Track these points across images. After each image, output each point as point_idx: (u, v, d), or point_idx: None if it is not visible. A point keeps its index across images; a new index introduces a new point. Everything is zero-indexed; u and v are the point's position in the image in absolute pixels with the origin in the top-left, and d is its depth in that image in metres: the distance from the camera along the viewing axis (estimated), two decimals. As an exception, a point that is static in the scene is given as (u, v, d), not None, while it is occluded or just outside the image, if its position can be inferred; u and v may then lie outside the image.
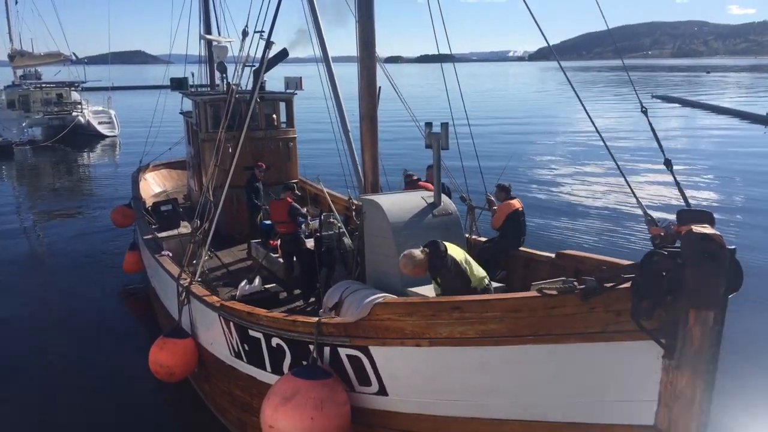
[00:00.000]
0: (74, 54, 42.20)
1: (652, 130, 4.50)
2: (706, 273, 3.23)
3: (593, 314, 3.73)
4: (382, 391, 4.63)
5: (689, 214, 3.37)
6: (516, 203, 8.31)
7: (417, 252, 5.18)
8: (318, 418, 4.41)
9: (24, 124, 37.85)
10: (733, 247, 3.30)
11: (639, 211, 4.67)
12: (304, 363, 4.87)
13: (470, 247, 8.17)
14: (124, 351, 9.60)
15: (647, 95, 68.69)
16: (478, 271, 5.45)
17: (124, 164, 27.37)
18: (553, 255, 7.34)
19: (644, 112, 4.73)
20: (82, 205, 21.13)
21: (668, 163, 4.18)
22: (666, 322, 3.54)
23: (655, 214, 4.76)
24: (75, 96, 40.77)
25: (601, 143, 5.20)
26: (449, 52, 7.93)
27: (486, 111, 49.21)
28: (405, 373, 4.48)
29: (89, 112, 39.96)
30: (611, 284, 3.55)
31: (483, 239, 8.76)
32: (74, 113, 39.03)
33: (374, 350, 4.50)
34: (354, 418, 4.77)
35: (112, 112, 40.84)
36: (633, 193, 4.44)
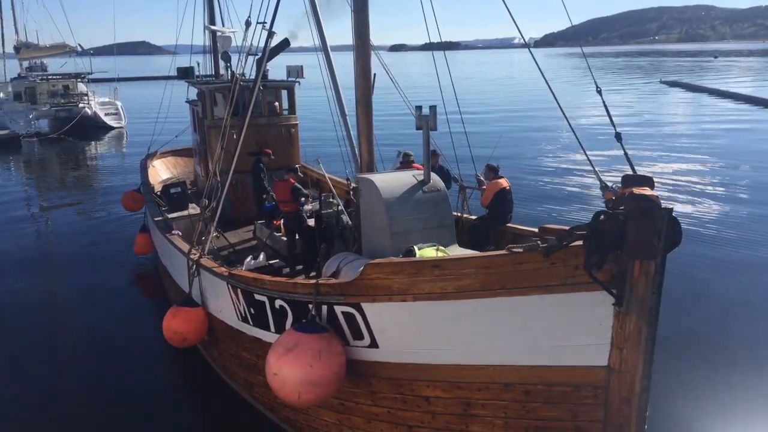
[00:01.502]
0: (80, 45, 42.45)
1: (606, 108, 5.02)
2: (643, 228, 3.76)
3: (554, 269, 4.27)
4: (374, 344, 5.20)
5: (632, 178, 3.91)
6: (503, 182, 8.84)
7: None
8: (316, 366, 4.99)
9: (31, 116, 38.03)
10: (670, 206, 3.84)
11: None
12: (304, 321, 5.45)
13: (462, 225, 8.75)
14: (136, 325, 10.28)
15: (656, 81, 68.81)
16: None
17: (131, 154, 27.79)
18: (536, 230, 7.87)
19: (599, 92, 5.25)
20: (91, 194, 21.66)
21: (618, 137, 4.70)
22: (616, 275, 4.08)
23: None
24: (81, 87, 40.95)
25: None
26: (440, 40, 8.40)
27: (490, 99, 49.35)
28: (393, 327, 5.04)
29: (96, 103, 40.22)
30: (567, 241, 4.10)
31: (473, 217, 9.30)
32: (81, 105, 39.29)
33: (366, 306, 5.06)
34: (349, 369, 5.35)
35: (119, 103, 41.07)
36: (590, 162, 4.97)
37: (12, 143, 33.49)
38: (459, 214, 9.18)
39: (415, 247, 6.24)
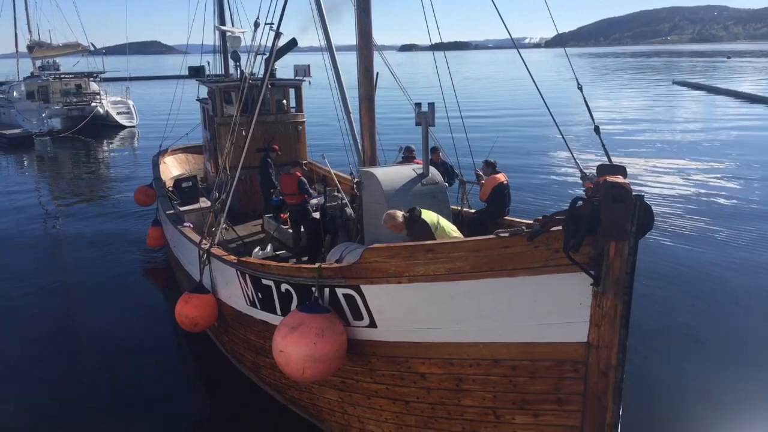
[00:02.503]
0: (92, 44, 42.76)
1: (585, 103, 5.36)
2: (615, 212, 4.11)
3: (537, 251, 4.62)
4: (372, 324, 5.57)
5: (606, 168, 4.26)
6: (501, 177, 9.20)
7: (398, 214, 6.29)
8: (319, 343, 5.37)
9: (43, 115, 38.27)
10: (641, 193, 4.18)
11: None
12: (308, 303, 5.83)
13: (461, 218, 9.11)
14: (148, 314, 10.74)
15: (668, 81, 68.69)
16: (450, 229, 6.46)
17: (143, 153, 28.13)
18: (531, 222, 8.22)
19: (580, 88, 5.59)
20: (103, 191, 22.10)
21: (597, 129, 5.04)
22: (593, 257, 4.44)
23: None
24: (94, 86, 41.36)
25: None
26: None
27: (504, 100, 49.37)
28: (390, 307, 5.41)
29: (108, 102, 40.57)
30: (548, 226, 4.46)
31: (473, 211, 9.66)
32: (93, 104, 39.65)
33: (365, 288, 5.43)
34: (350, 348, 5.72)
35: (131, 103, 41.42)
36: (572, 155, 5.31)
37: (25, 142, 33.94)
38: (459, 208, 9.56)
39: (419, 208, 6.61)
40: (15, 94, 40.84)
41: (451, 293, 5.02)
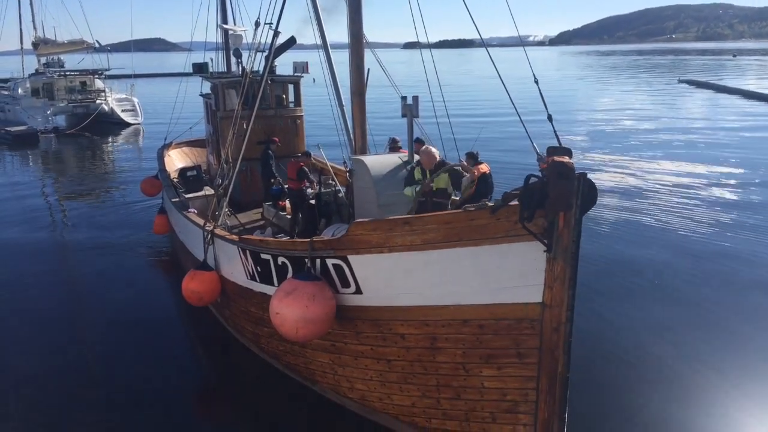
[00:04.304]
0: (97, 41, 43.16)
1: (540, 94, 6.06)
2: (561, 187, 4.82)
3: (499, 223, 5.32)
4: (358, 291, 6.29)
5: (554, 149, 4.97)
6: (484, 167, 9.91)
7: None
8: (311, 306, 6.09)
9: (48, 112, 38.20)
10: (584, 171, 4.90)
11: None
12: (301, 272, 6.55)
13: (449, 205, 9.82)
14: (154, 297, 11.47)
15: (674, 79, 69.10)
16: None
17: (148, 150, 28.44)
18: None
19: (536, 82, 6.29)
20: (108, 186, 22.45)
21: (550, 118, 5.75)
22: (546, 227, 5.15)
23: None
24: (98, 84, 41.59)
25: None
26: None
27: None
28: (374, 275, 6.12)
29: (113, 99, 40.75)
30: (507, 201, 5.17)
31: (457, 198, 10.36)
32: (98, 101, 39.82)
33: (352, 258, 6.15)
34: (338, 314, 6.44)
35: (135, 100, 41.56)
36: (530, 138, 6.00)
37: (30, 139, 34.01)
38: None
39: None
40: (20, 91, 41.04)
41: (426, 261, 5.73)
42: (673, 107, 44.17)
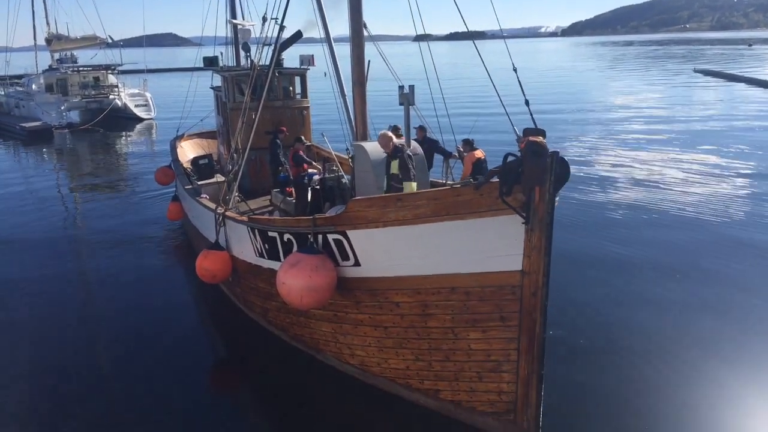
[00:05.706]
0: (110, 37, 43.33)
1: (519, 82, 6.58)
2: (534, 163, 5.37)
3: (482, 199, 5.86)
4: (357, 263, 6.87)
5: (530, 130, 5.52)
6: (479, 153, 10.45)
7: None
8: (314, 276, 6.69)
9: (62, 108, 38.38)
10: (556, 150, 5.44)
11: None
12: (305, 247, 7.15)
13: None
14: (168, 279, 12.15)
15: (689, 69, 68.73)
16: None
17: (161, 145, 28.80)
18: None
19: (515, 70, 6.82)
20: (123, 180, 22.93)
21: (527, 103, 6.28)
22: (524, 202, 5.70)
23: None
24: (112, 79, 41.93)
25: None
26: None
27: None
28: (370, 248, 6.70)
29: (126, 95, 41.11)
30: (489, 178, 5.72)
31: (455, 183, 10.93)
32: (111, 96, 40.15)
33: (350, 233, 6.73)
34: (339, 285, 7.03)
35: (148, 95, 41.91)
36: (511, 122, 6.54)
37: (44, 134, 34.44)
38: (444, 181, 10.85)
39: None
40: (34, 87, 41.37)
41: (417, 234, 6.29)
42: (688, 100, 43.64)
